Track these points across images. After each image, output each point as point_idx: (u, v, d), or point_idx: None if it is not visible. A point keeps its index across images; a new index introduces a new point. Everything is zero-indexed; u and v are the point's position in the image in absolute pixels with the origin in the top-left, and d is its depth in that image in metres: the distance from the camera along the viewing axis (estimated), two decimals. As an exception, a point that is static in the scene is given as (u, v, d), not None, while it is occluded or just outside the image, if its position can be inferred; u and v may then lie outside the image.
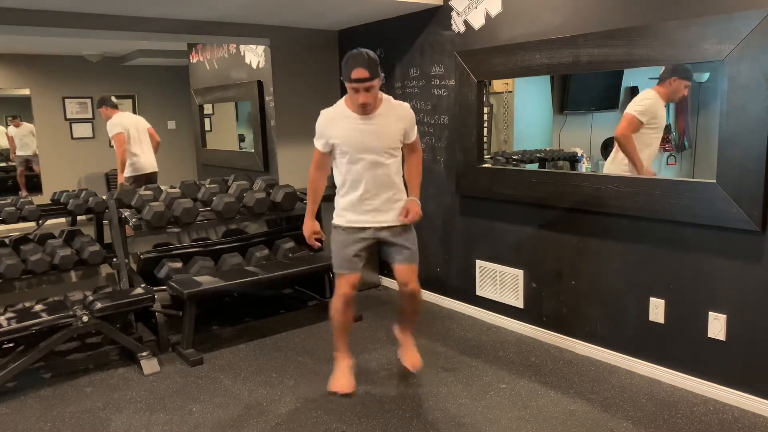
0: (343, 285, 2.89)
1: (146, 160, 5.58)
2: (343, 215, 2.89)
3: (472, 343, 3.65)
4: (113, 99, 5.63)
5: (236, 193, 4.14)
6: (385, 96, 2.85)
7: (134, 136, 5.48)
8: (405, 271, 2.93)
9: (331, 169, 2.99)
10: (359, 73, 2.61)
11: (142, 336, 3.62)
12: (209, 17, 4.22)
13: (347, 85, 2.68)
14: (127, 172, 5.51)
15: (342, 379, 2.97)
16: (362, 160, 2.78)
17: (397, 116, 2.83)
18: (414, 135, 2.92)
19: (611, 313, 3.28)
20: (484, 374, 3.22)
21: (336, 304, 2.94)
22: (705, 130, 4.54)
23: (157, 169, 5.72)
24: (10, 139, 7.64)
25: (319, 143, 2.89)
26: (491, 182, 3.76)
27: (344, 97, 2.85)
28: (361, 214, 2.84)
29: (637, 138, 3.31)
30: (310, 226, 3.00)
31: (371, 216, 2.84)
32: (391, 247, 2.91)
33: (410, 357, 3.12)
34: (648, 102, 3.36)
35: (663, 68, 3.38)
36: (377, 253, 3.07)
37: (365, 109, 2.72)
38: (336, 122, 2.80)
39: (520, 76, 3.54)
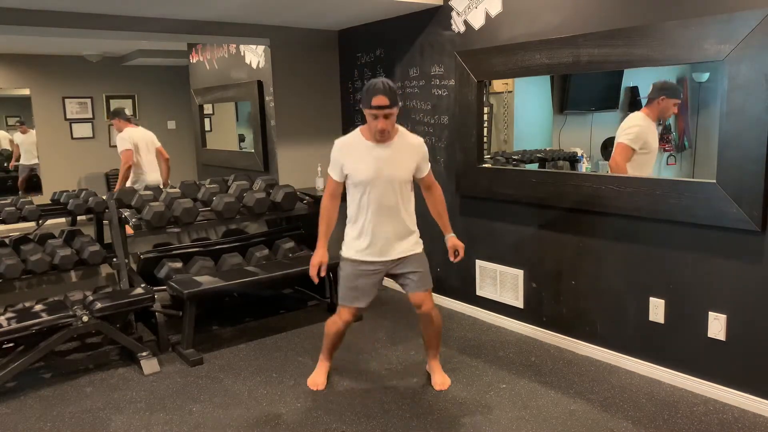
0: (345, 314, 2.96)
1: (152, 177, 5.56)
2: (352, 246, 2.89)
3: (472, 343, 3.65)
4: (127, 112, 5.61)
5: (236, 193, 4.14)
6: (401, 128, 2.89)
7: (143, 152, 5.44)
8: (420, 297, 2.93)
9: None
10: (380, 100, 2.65)
11: (142, 336, 3.62)
12: (209, 17, 4.22)
13: (367, 111, 2.71)
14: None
15: (318, 377, 3.12)
16: (375, 190, 2.78)
17: (411, 147, 2.86)
18: (427, 169, 2.93)
19: (611, 313, 3.28)
20: (484, 374, 3.22)
21: (333, 323, 3.02)
22: (705, 130, 4.54)
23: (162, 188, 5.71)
24: (15, 146, 7.63)
25: (334, 172, 2.88)
26: (491, 182, 3.76)
27: (359, 128, 2.89)
28: (371, 247, 2.84)
29: (630, 164, 3.30)
30: (320, 256, 2.91)
31: (381, 249, 2.84)
32: (404, 275, 2.92)
33: (439, 379, 3.10)
34: (637, 129, 3.33)
35: (651, 89, 3.40)
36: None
37: (383, 136, 2.74)
38: (351, 150, 2.82)
39: (520, 76, 3.54)
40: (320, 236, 2.93)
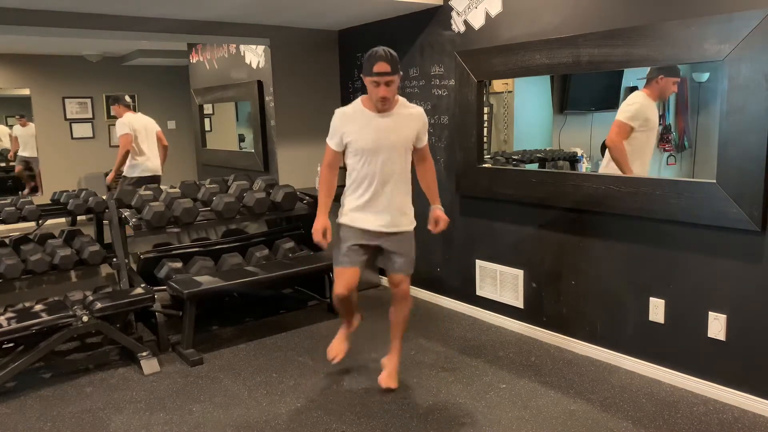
0: (340, 284, 2.88)
1: (152, 162, 5.58)
2: (348, 214, 2.89)
3: (472, 343, 3.65)
4: (127, 98, 5.62)
5: (236, 193, 4.14)
6: (401, 98, 2.87)
7: (142, 137, 5.47)
8: (400, 278, 2.95)
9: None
10: (381, 67, 2.63)
11: (142, 336, 3.62)
12: (209, 17, 4.22)
13: (367, 79, 2.70)
14: (133, 173, 5.50)
15: (337, 344, 3.16)
16: (374, 160, 2.78)
17: (412, 117, 2.85)
18: (425, 140, 2.93)
19: (611, 313, 3.28)
20: (484, 374, 3.22)
21: (335, 300, 3.02)
22: (705, 130, 4.54)
23: (161, 173, 5.71)
24: (14, 139, 7.64)
25: (332, 141, 2.87)
26: (491, 182, 3.76)
27: (360, 98, 2.87)
28: (367, 215, 2.83)
29: (630, 143, 3.28)
30: (322, 222, 2.88)
31: (377, 218, 2.83)
32: (391, 254, 2.91)
33: (387, 377, 3.07)
34: (636, 106, 3.31)
35: (648, 69, 3.33)
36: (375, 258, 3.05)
37: (384, 103, 2.72)
38: (352, 119, 2.81)
39: (520, 76, 3.54)
40: (320, 205, 2.91)
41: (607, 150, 3.41)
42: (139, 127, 5.45)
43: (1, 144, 7.65)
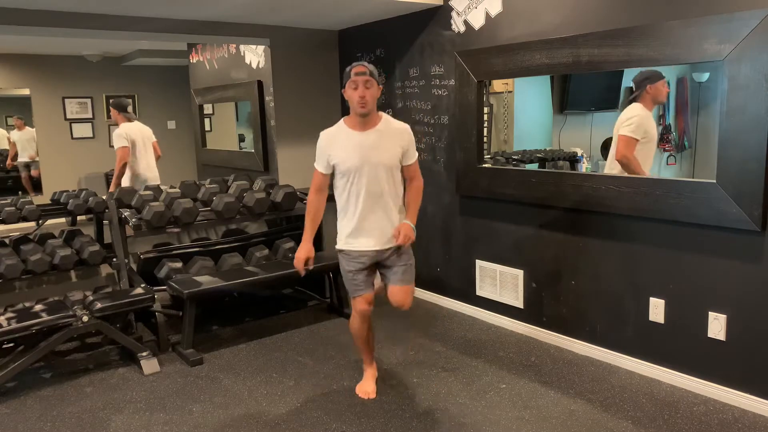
0: (359, 303, 2.90)
1: (152, 172, 5.52)
2: (343, 239, 2.89)
3: (472, 343, 3.65)
4: (129, 108, 5.42)
5: (236, 193, 4.14)
6: (385, 115, 2.86)
7: (140, 148, 5.36)
8: (399, 292, 2.89)
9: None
10: (358, 69, 2.70)
11: (142, 336, 3.62)
12: (209, 17, 4.22)
13: (348, 85, 2.71)
14: (133, 184, 5.43)
15: (367, 385, 3.04)
16: (360, 179, 2.76)
17: (396, 133, 2.82)
18: (413, 157, 2.87)
19: (611, 313, 3.28)
20: (484, 374, 3.22)
21: (354, 322, 2.97)
22: (705, 130, 4.55)
23: (159, 183, 5.68)
24: (12, 144, 7.62)
25: (320, 164, 2.88)
26: (491, 182, 3.76)
27: (343, 118, 2.88)
28: (360, 238, 2.83)
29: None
30: (305, 250, 2.89)
31: (370, 239, 2.82)
32: (389, 268, 2.90)
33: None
34: (636, 119, 3.31)
35: (633, 86, 3.38)
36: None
37: (363, 105, 2.69)
38: (335, 139, 2.81)
39: (520, 76, 3.54)
40: (306, 231, 2.92)
41: (610, 157, 3.42)
42: (137, 137, 5.37)
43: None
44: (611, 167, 3.43)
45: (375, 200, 2.78)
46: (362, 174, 2.75)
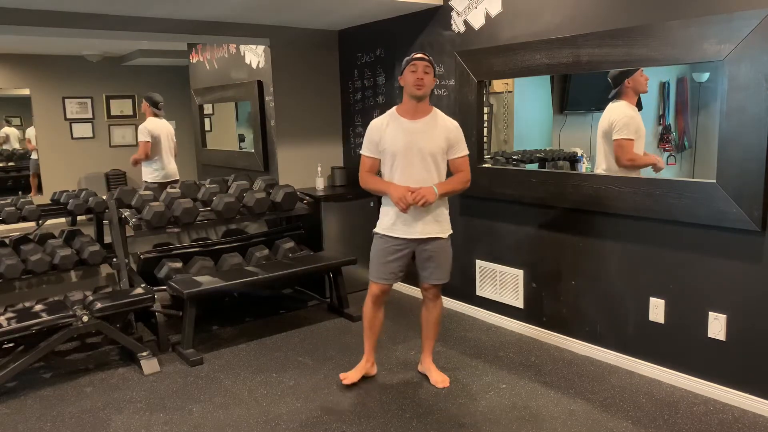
0: (375, 288, 3.04)
1: (173, 168, 5.56)
2: (383, 222, 2.96)
3: (472, 343, 3.65)
4: (158, 103, 5.42)
5: (236, 193, 4.14)
6: (436, 109, 2.96)
7: (165, 144, 5.41)
8: (433, 291, 3.07)
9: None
10: (420, 54, 2.87)
11: (142, 336, 3.62)
12: (209, 17, 4.22)
13: (407, 70, 2.84)
14: (155, 178, 5.44)
15: (351, 373, 3.14)
16: (405, 164, 2.84)
17: (445, 126, 2.91)
18: (461, 152, 2.94)
19: (611, 313, 3.28)
20: (484, 374, 3.22)
21: (366, 304, 3.12)
22: (705, 130, 4.55)
23: (178, 177, 5.71)
24: (28, 140, 7.66)
25: (368, 150, 2.95)
26: (491, 182, 3.76)
27: (395, 107, 2.98)
28: (399, 224, 2.89)
29: None
30: (396, 187, 2.83)
31: (409, 226, 2.88)
32: (424, 262, 2.98)
33: (439, 377, 3.13)
34: (625, 119, 3.29)
35: (612, 83, 3.37)
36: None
37: (420, 87, 2.80)
38: (385, 126, 2.91)
39: (520, 76, 3.54)
40: (383, 184, 2.89)
41: (600, 158, 3.42)
42: (160, 133, 5.41)
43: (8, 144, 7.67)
44: (602, 168, 3.41)
45: (417, 186, 2.83)
46: (406, 158, 2.84)
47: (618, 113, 3.31)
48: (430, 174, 2.86)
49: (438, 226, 2.93)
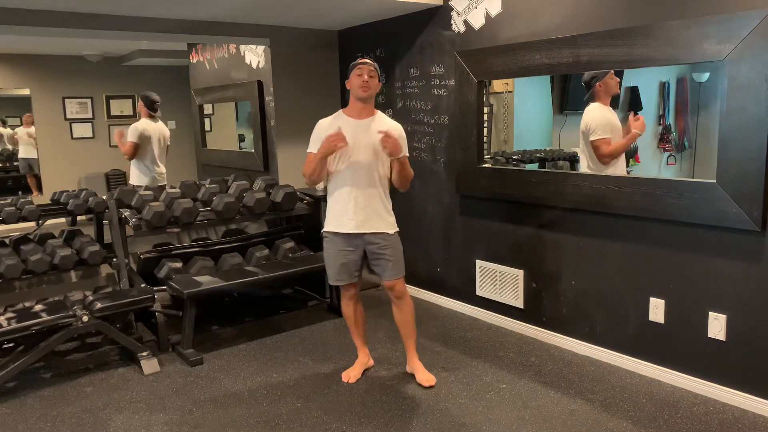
0: (346, 290, 3.13)
1: (160, 172, 5.44)
2: (331, 221, 3.02)
3: (472, 343, 3.65)
4: (155, 103, 5.32)
5: (236, 193, 4.14)
6: (380, 112, 3.07)
7: (155, 147, 5.31)
8: (394, 284, 3.07)
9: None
10: (364, 59, 2.99)
11: (142, 336, 3.62)
12: (209, 17, 4.22)
13: (353, 74, 2.94)
14: (141, 181, 5.39)
15: (352, 370, 3.21)
16: (350, 160, 2.92)
17: (387, 125, 3.00)
18: (404, 151, 2.99)
19: (611, 313, 3.28)
20: (484, 374, 3.22)
21: (344, 303, 3.20)
22: (705, 130, 4.55)
23: (165, 183, 5.67)
24: (15, 140, 7.63)
25: (313, 146, 3.02)
26: (491, 182, 3.76)
27: (341, 109, 3.08)
28: (344, 219, 2.96)
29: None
30: (325, 140, 2.87)
31: (353, 221, 2.95)
32: (378, 259, 3.02)
33: (424, 376, 3.14)
34: (598, 119, 3.41)
35: (585, 87, 3.47)
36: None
37: (366, 89, 2.91)
38: (332, 124, 2.98)
39: (520, 76, 3.54)
40: (314, 157, 2.92)
41: (584, 159, 3.48)
42: (154, 135, 5.33)
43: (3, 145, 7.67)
44: (585, 166, 3.50)
45: (364, 183, 2.94)
46: (353, 155, 2.91)
47: (591, 116, 3.46)
48: (374, 171, 2.94)
49: (381, 221, 2.99)
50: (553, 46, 3.26)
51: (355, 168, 2.92)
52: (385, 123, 3.01)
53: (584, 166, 3.53)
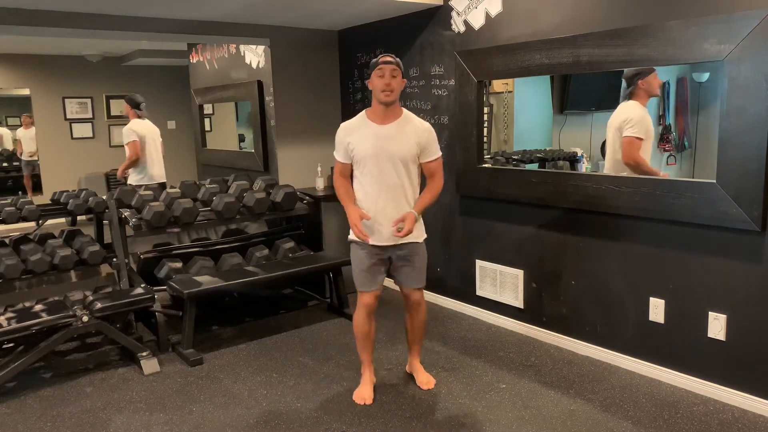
0: (365, 297, 2.92)
1: (158, 171, 5.52)
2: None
3: (472, 343, 3.65)
4: (140, 104, 5.38)
5: (236, 193, 4.14)
6: (408, 112, 2.88)
7: (149, 145, 5.37)
8: (413, 294, 2.96)
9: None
10: (386, 58, 2.75)
11: (142, 336, 3.62)
12: (209, 17, 4.22)
13: (374, 74, 2.74)
14: (140, 181, 5.43)
15: (363, 391, 2.99)
16: (375, 169, 2.77)
17: (415, 129, 2.82)
18: (433, 155, 2.86)
19: (611, 313, 3.28)
20: (484, 374, 3.22)
21: (358, 316, 2.96)
22: (705, 130, 4.54)
23: (165, 180, 5.69)
24: (18, 142, 7.64)
25: (339, 154, 2.89)
26: (491, 182, 3.76)
27: (364, 110, 2.90)
28: (373, 230, 2.82)
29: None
30: (354, 210, 2.81)
31: (382, 232, 2.81)
32: (400, 267, 2.91)
33: (424, 378, 3.11)
34: (637, 117, 3.27)
35: (624, 84, 3.33)
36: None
37: (388, 94, 2.72)
38: (355, 130, 2.84)
39: (520, 76, 3.54)
40: (346, 202, 2.86)
41: (609, 158, 3.40)
42: (145, 134, 5.39)
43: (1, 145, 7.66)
44: (612, 169, 3.41)
45: (389, 192, 2.79)
46: (377, 164, 2.77)
47: (632, 111, 3.30)
48: (401, 180, 2.79)
49: (417, 229, 2.84)
50: (553, 46, 3.26)
51: (380, 179, 2.77)
52: (412, 126, 2.81)
53: (609, 164, 3.38)
